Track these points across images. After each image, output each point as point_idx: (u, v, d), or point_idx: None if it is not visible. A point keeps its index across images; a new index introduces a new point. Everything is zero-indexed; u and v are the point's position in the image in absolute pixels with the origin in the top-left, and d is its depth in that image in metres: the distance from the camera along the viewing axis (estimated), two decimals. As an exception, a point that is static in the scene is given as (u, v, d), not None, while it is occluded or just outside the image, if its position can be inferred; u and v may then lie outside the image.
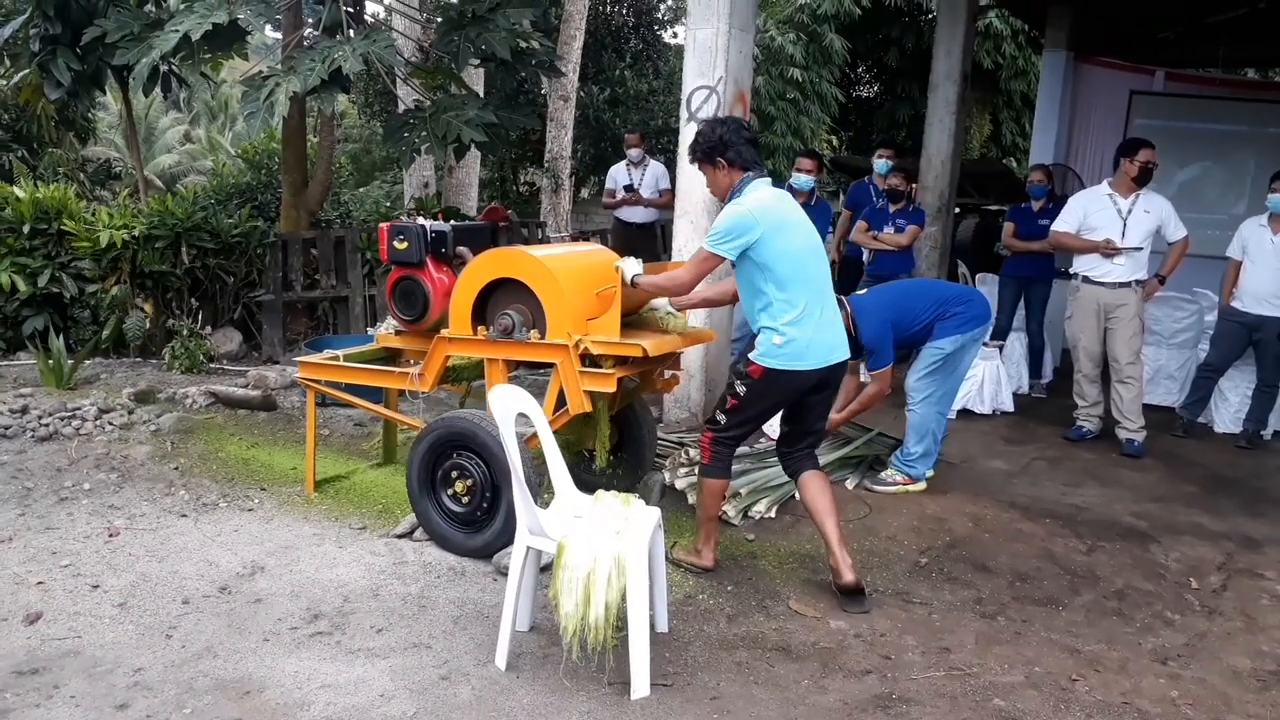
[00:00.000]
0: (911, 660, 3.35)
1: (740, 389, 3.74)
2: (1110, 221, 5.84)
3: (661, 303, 4.15)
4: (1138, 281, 5.86)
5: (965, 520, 4.64)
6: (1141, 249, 5.83)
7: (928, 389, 4.93)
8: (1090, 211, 5.91)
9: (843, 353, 3.75)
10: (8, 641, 3.22)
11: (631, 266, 3.88)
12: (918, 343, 4.90)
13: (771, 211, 3.61)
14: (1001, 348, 6.92)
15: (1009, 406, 6.75)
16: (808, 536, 4.38)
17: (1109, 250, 5.79)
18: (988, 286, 7.86)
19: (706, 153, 3.73)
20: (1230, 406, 6.55)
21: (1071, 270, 6.11)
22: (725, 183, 3.73)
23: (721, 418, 3.82)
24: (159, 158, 24.68)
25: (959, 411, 6.47)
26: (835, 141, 18.62)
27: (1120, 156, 5.88)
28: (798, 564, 4.11)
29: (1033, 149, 10.66)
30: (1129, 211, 5.82)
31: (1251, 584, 4.11)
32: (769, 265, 3.59)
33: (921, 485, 4.99)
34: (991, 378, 6.64)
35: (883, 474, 5.03)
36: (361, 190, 13.82)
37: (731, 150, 3.67)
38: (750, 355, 3.67)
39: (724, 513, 4.52)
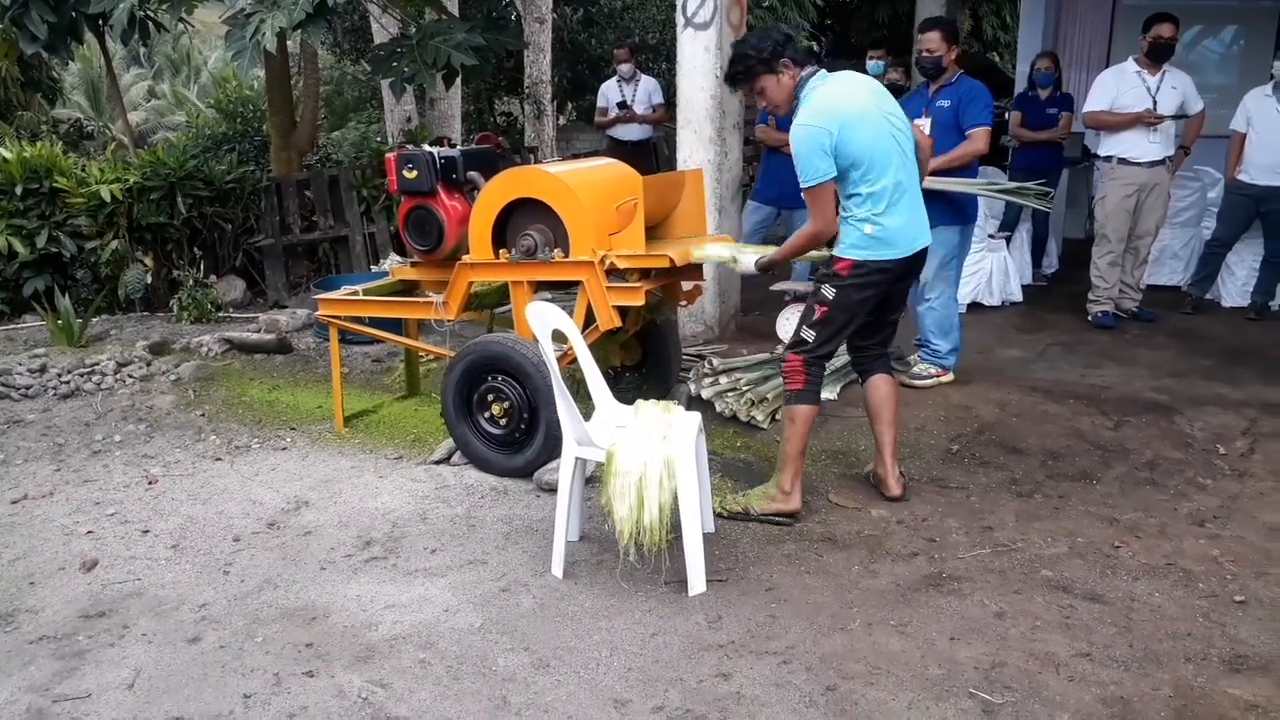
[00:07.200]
0: (956, 541, 3.43)
1: (829, 292, 3.49)
2: (1141, 99, 5.82)
3: (721, 251, 3.99)
4: (1168, 158, 5.92)
5: (991, 406, 4.71)
6: (1181, 118, 5.89)
7: (941, 286, 4.91)
8: (1121, 90, 5.88)
9: (926, 238, 3.57)
10: (69, 588, 3.27)
11: (748, 258, 3.83)
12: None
13: (836, 108, 3.36)
14: (1009, 239, 6.91)
15: (1018, 297, 6.78)
16: (837, 434, 4.45)
17: (1152, 120, 5.76)
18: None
19: (766, 62, 3.45)
20: (1236, 280, 6.60)
21: (1103, 153, 6.06)
22: (789, 87, 3.47)
23: (810, 333, 3.53)
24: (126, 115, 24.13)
25: (969, 305, 6.51)
26: (815, 47, 18.31)
27: (1143, 33, 5.86)
28: (830, 460, 4.18)
29: (1020, 39, 10.47)
30: (1157, 88, 5.82)
31: (1277, 447, 4.20)
32: (853, 161, 3.37)
33: (951, 376, 5.03)
34: (1000, 269, 6.65)
35: (915, 369, 5.03)
36: (337, 134, 13.52)
37: (790, 47, 3.44)
38: (836, 251, 3.47)
39: (752, 417, 4.58)
